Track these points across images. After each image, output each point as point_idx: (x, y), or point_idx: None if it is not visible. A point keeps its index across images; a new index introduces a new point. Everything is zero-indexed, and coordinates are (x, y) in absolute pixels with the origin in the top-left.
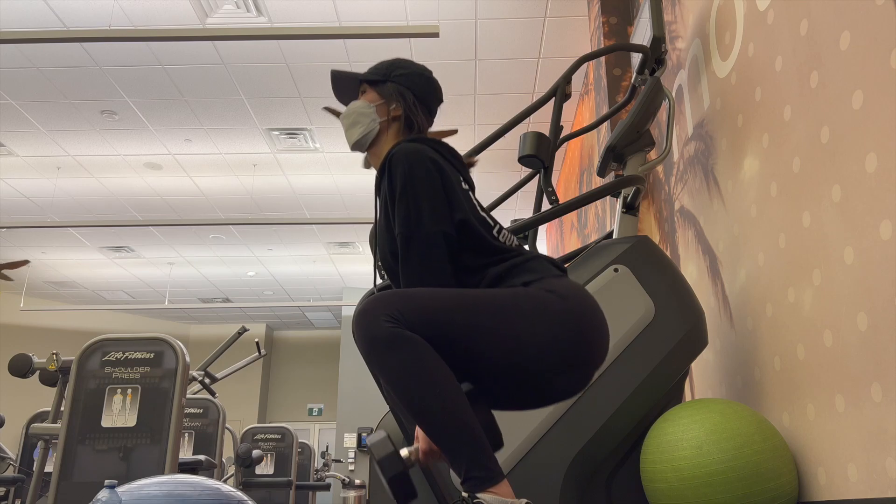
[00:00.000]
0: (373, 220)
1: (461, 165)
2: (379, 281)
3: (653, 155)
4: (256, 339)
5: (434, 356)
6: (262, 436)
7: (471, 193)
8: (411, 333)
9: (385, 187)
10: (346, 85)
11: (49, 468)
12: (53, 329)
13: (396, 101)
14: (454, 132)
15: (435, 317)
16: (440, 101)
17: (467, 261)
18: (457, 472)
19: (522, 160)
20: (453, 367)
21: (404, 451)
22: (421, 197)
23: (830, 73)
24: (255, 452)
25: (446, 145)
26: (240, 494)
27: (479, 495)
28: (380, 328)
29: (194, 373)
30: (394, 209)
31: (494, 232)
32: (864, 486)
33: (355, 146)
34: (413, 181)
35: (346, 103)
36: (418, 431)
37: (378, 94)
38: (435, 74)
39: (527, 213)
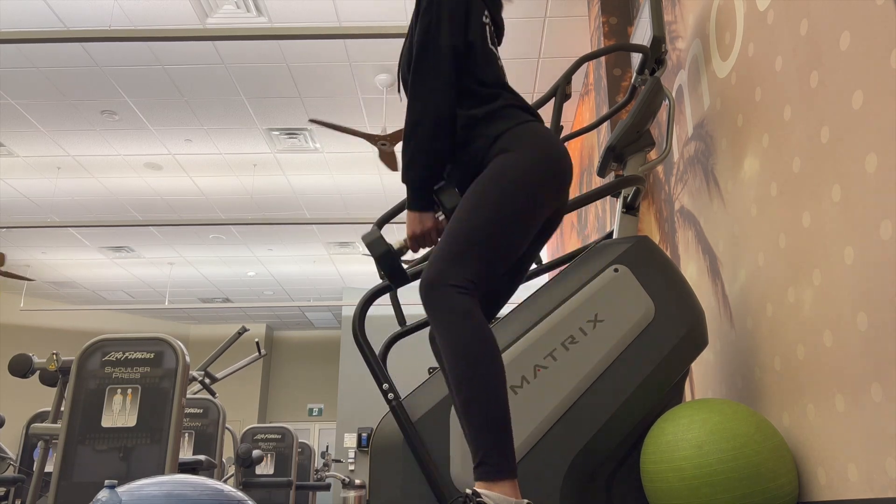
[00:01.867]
0: (375, 221)
1: (493, 2)
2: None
3: (653, 155)
4: (256, 339)
5: (497, 347)
6: (262, 436)
7: (487, 29)
8: (484, 319)
9: (415, 8)
10: None
11: (49, 468)
12: (53, 329)
13: None
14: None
15: (483, 249)
16: None
17: (464, 82)
18: (474, 452)
19: None
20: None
21: (395, 243)
22: (443, 11)
23: (830, 73)
24: (255, 452)
25: None
26: (240, 494)
27: (480, 492)
28: (457, 299)
29: (194, 373)
30: (417, 14)
31: (494, 62)
32: (864, 486)
33: None
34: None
35: None
36: (407, 219)
37: None
38: None
39: None
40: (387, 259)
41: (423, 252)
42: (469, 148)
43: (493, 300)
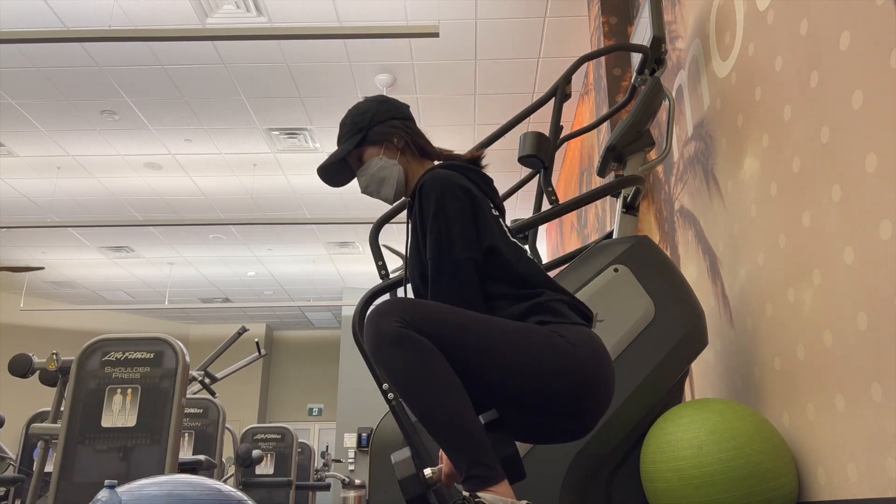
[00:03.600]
0: (374, 221)
1: (491, 190)
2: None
3: (653, 155)
4: (256, 339)
5: (438, 357)
6: (262, 436)
7: (501, 219)
8: (418, 335)
9: (416, 213)
10: (336, 169)
11: (49, 468)
12: (53, 329)
13: (394, 136)
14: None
15: (445, 330)
16: (408, 106)
17: (493, 289)
18: (458, 471)
19: (522, 160)
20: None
21: (428, 472)
22: (451, 223)
23: (830, 73)
24: (255, 452)
25: (476, 171)
26: (240, 494)
27: (479, 494)
28: (388, 327)
29: (194, 373)
30: (424, 235)
31: (524, 258)
32: (864, 486)
33: (396, 197)
34: (444, 208)
35: (347, 181)
36: (441, 451)
37: (375, 145)
38: (435, 74)
39: (527, 213)
40: (413, 484)
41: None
42: None
43: None
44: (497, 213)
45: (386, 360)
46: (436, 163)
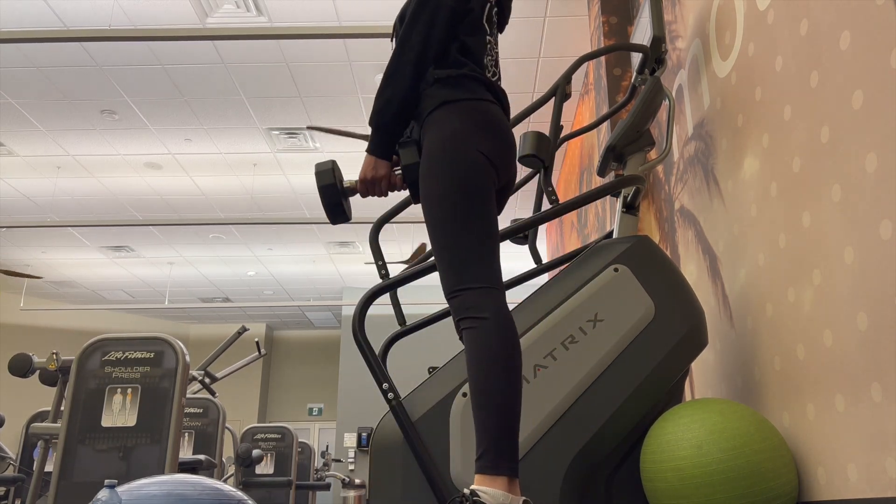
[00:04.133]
0: (374, 220)
1: None
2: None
3: (653, 155)
4: (256, 339)
5: (519, 348)
6: (262, 435)
7: (488, 4)
8: (511, 317)
9: None
10: None
11: (49, 468)
12: (53, 329)
13: None
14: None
15: (472, 247)
16: None
17: (450, 45)
18: (478, 444)
19: (522, 160)
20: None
21: (346, 181)
22: None
23: (830, 73)
24: (255, 452)
25: None
26: (240, 494)
27: (478, 490)
28: (481, 300)
29: (194, 372)
30: None
31: (479, 40)
32: (864, 486)
33: None
34: None
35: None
36: (365, 162)
37: None
38: None
39: (527, 212)
40: (330, 192)
41: (393, 202)
42: (420, 106)
43: None
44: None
45: (480, 328)
46: None
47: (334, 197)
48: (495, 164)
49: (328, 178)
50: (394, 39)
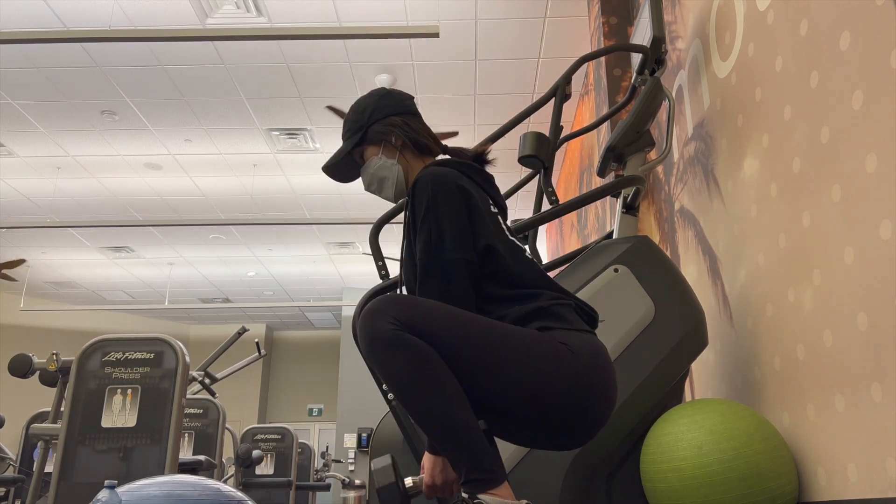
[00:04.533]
0: (374, 221)
1: (491, 187)
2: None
3: (653, 155)
4: (256, 340)
5: (435, 360)
6: (262, 436)
7: (500, 217)
8: (413, 338)
9: (409, 212)
10: (342, 166)
11: (49, 468)
12: (53, 329)
13: (392, 135)
14: (454, 134)
15: (440, 330)
16: (411, 98)
17: (490, 290)
18: (457, 474)
19: (522, 160)
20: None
21: (409, 481)
22: (443, 222)
23: (830, 73)
24: (255, 452)
25: (475, 167)
26: (240, 494)
27: (479, 496)
28: (383, 329)
29: (194, 373)
30: (416, 234)
31: (523, 258)
32: (864, 486)
33: (398, 196)
34: (436, 206)
35: (355, 177)
36: (424, 461)
37: (374, 144)
38: (435, 74)
39: (527, 213)
40: (391, 494)
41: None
42: None
43: None
44: (497, 211)
45: (381, 363)
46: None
47: (395, 500)
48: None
49: (389, 475)
50: (403, 288)
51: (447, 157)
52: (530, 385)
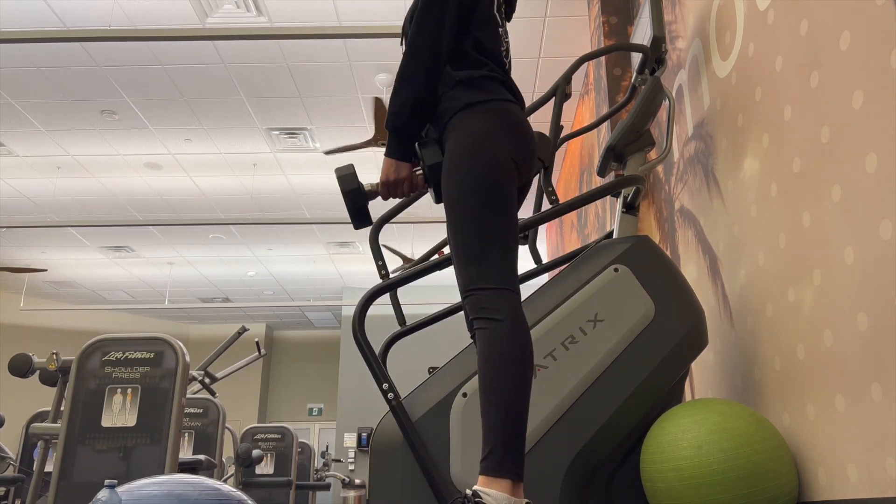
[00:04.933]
0: (375, 221)
1: None
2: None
3: (653, 155)
4: (256, 339)
5: (531, 350)
6: (262, 436)
7: None
8: (524, 319)
9: None
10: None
11: (49, 468)
12: (53, 329)
13: None
14: None
15: (490, 242)
16: None
17: (463, 43)
18: (484, 446)
19: None
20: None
21: (366, 184)
22: None
23: (830, 73)
24: (255, 452)
25: None
26: (240, 494)
27: (480, 491)
28: (496, 301)
29: (194, 373)
30: None
31: (492, 33)
32: (864, 486)
33: None
34: None
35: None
36: (384, 165)
37: None
38: None
39: (527, 212)
40: (354, 196)
41: (394, 202)
42: (440, 108)
43: None
44: None
45: (493, 329)
46: None
47: (360, 201)
48: (519, 166)
49: (352, 182)
50: (403, 41)
51: None
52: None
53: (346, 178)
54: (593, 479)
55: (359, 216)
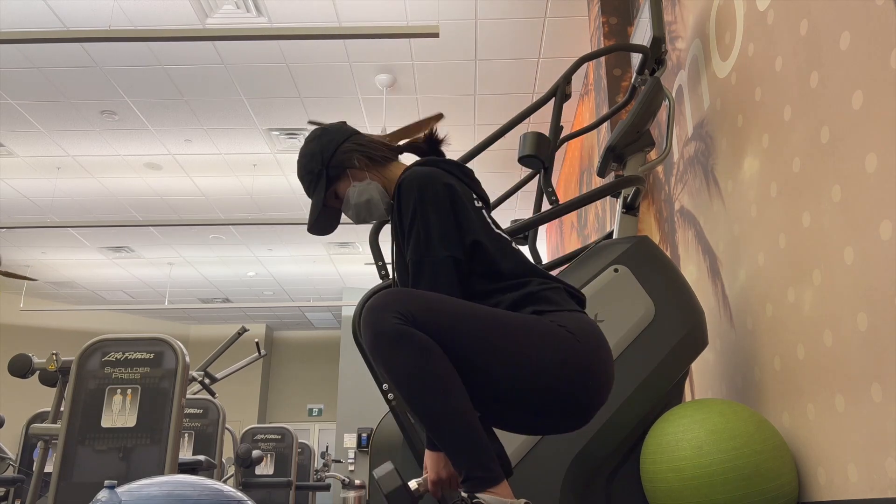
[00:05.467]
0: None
1: (472, 182)
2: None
3: (653, 155)
4: (256, 340)
5: (439, 356)
6: (262, 436)
7: (484, 211)
8: (418, 332)
9: (396, 214)
10: (323, 220)
11: (49, 468)
12: (53, 329)
13: (353, 158)
14: (439, 117)
15: (445, 322)
16: (343, 122)
17: (478, 286)
18: (458, 471)
19: (522, 160)
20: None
21: (413, 483)
22: (431, 222)
23: (830, 73)
24: (255, 453)
25: (456, 163)
26: (240, 495)
27: (478, 495)
28: (387, 324)
29: (194, 373)
30: (405, 236)
31: (508, 249)
32: (864, 486)
33: (389, 210)
34: (423, 206)
35: (338, 222)
36: (426, 460)
37: (341, 178)
38: (435, 74)
39: (527, 213)
40: (399, 498)
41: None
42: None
43: None
44: (481, 205)
45: (385, 359)
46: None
47: (407, 500)
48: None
49: (394, 480)
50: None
51: (429, 157)
52: (533, 368)
53: (388, 477)
54: (594, 479)
55: None
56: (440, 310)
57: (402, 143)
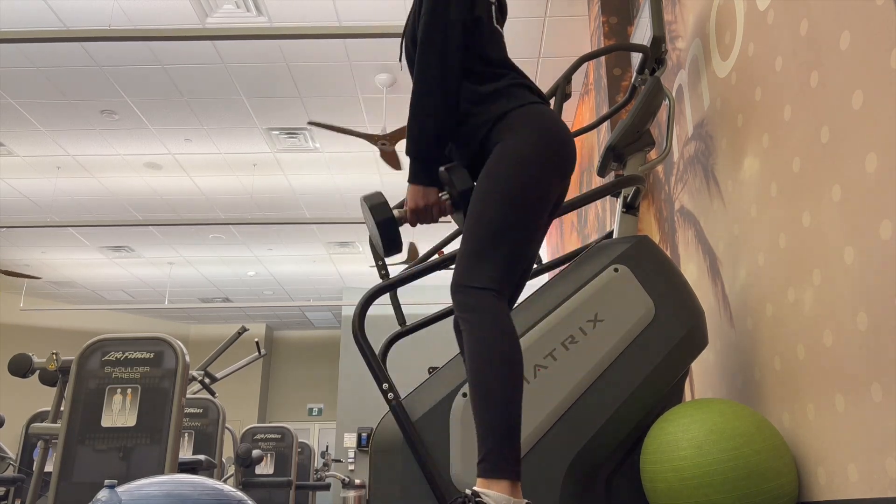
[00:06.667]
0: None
1: None
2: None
3: (653, 155)
4: (256, 339)
5: (518, 346)
6: (262, 436)
7: (493, 7)
8: (512, 323)
9: None
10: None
11: (49, 468)
12: (53, 329)
13: None
14: None
15: (501, 244)
16: None
17: (467, 62)
18: (479, 448)
19: None
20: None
21: (396, 213)
22: None
23: (830, 73)
24: (255, 452)
25: None
26: (240, 494)
27: (480, 491)
28: (483, 300)
29: (194, 373)
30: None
31: (501, 42)
32: (864, 486)
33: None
34: None
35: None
36: (407, 192)
37: None
38: None
39: None
40: (388, 226)
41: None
42: (469, 124)
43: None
44: (494, 1)
45: (479, 329)
46: None
47: (393, 230)
48: (563, 178)
49: (385, 211)
50: (402, 58)
51: None
52: (540, 180)
53: (378, 207)
54: (593, 479)
55: (392, 245)
56: (493, 243)
57: None
